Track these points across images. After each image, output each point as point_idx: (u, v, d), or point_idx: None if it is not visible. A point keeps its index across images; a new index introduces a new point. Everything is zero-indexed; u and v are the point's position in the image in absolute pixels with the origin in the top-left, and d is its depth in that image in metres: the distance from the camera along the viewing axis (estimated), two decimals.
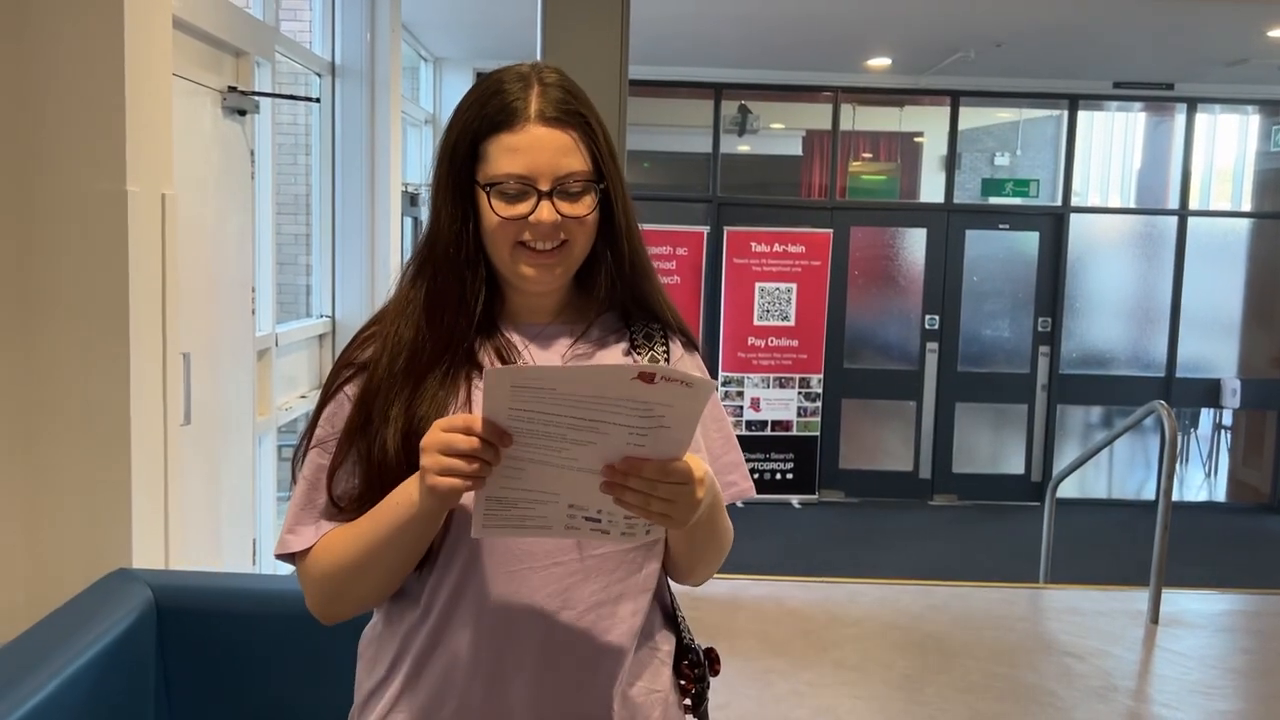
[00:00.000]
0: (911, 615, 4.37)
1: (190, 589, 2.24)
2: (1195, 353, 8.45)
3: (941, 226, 8.34)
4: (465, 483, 1.09)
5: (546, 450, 1.08)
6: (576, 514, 1.12)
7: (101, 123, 2.31)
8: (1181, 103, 8.26)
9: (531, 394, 1.05)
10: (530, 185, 1.20)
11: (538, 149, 1.20)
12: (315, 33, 5.16)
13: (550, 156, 1.20)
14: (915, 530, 7.62)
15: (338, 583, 1.25)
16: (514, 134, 1.20)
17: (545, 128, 1.20)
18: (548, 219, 1.20)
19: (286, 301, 5.21)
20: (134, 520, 2.36)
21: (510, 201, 1.21)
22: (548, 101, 1.22)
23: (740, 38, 6.80)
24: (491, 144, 1.21)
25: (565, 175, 1.21)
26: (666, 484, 1.09)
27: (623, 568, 1.25)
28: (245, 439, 3.93)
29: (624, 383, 1.03)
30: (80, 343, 2.31)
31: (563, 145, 1.21)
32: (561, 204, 1.21)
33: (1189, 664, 4.01)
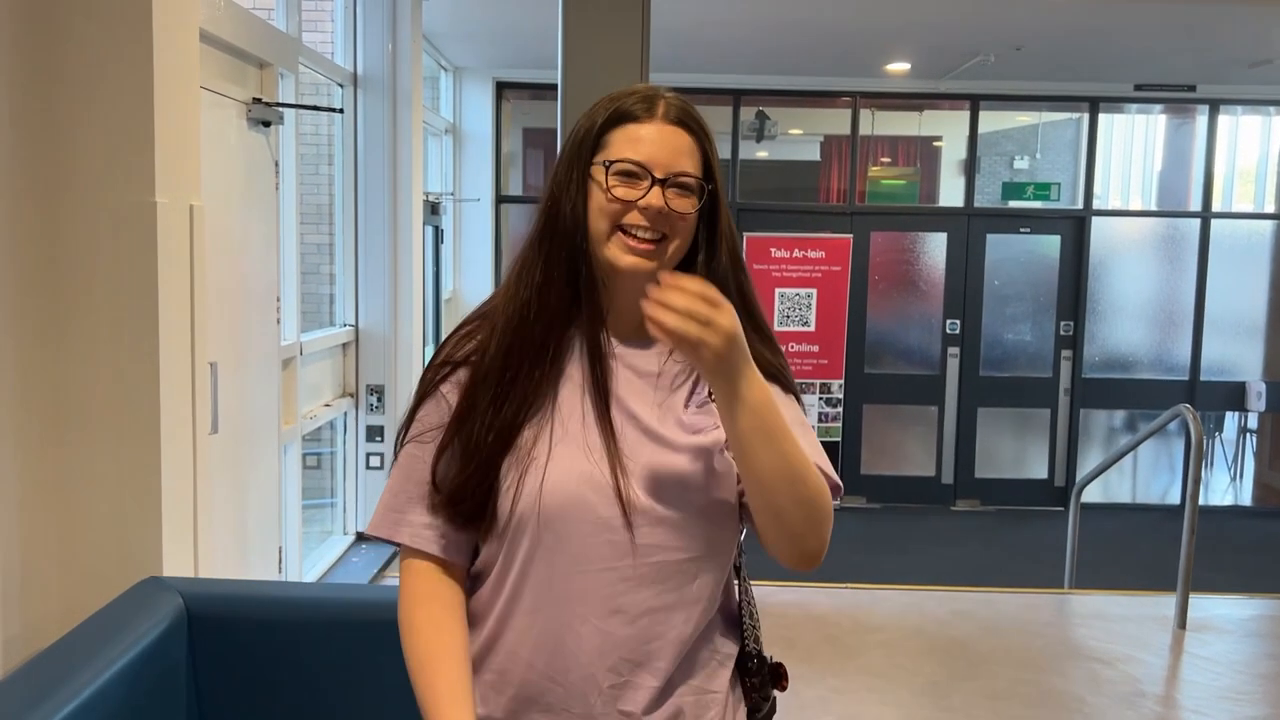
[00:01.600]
0: (937, 621, 4.35)
1: (221, 597, 2.26)
2: (1219, 356, 8.39)
3: (962, 230, 8.31)
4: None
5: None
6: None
7: (131, 135, 2.33)
8: (1203, 104, 8.22)
9: None
10: (647, 171, 1.27)
11: (660, 142, 1.28)
12: (337, 43, 5.20)
13: (670, 153, 1.28)
14: (937, 536, 7.59)
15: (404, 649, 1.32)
16: (641, 125, 1.29)
17: (670, 126, 1.29)
18: (656, 204, 1.26)
19: (310, 311, 5.24)
20: (164, 528, 2.38)
21: (625, 182, 1.27)
22: (672, 108, 1.32)
23: (759, 44, 6.81)
24: (618, 132, 1.30)
25: (679, 171, 1.28)
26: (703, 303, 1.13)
27: (676, 577, 1.27)
28: (271, 448, 3.95)
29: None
30: (111, 352, 2.33)
31: (682, 146, 1.29)
32: (671, 197, 1.27)
33: (1217, 669, 3.98)
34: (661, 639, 1.26)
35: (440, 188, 7.46)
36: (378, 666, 2.18)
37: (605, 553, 1.24)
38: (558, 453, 1.26)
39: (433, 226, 6.39)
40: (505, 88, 8.11)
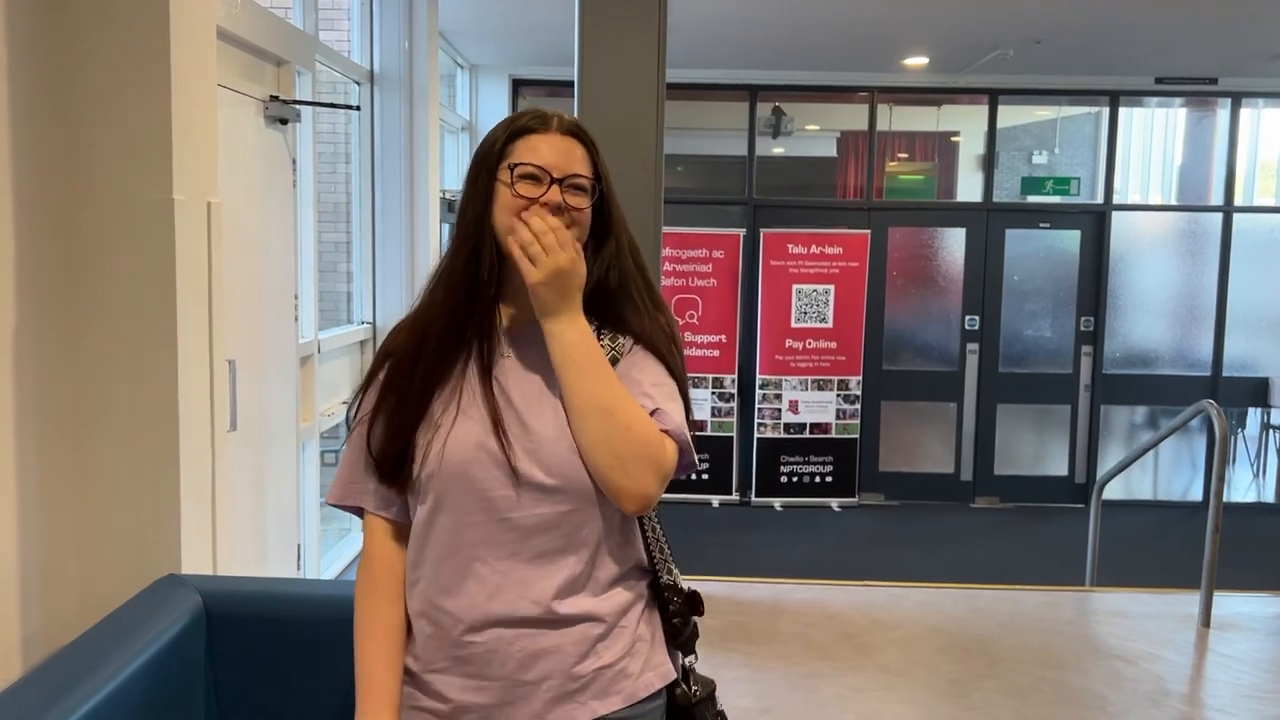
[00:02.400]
0: (956, 619, 4.33)
1: (239, 594, 2.26)
2: (1242, 351, 8.32)
3: (981, 226, 8.26)
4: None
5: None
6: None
7: (148, 132, 2.33)
8: (1225, 97, 8.14)
9: None
10: (546, 173, 1.49)
11: (555, 150, 1.50)
12: (354, 41, 5.20)
13: (564, 158, 1.50)
14: (957, 533, 7.55)
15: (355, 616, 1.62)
16: (538, 136, 1.51)
17: (564, 137, 1.52)
18: (555, 199, 1.48)
19: (328, 309, 5.24)
20: (183, 526, 2.38)
21: (527, 183, 1.48)
22: (565, 122, 1.54)
23: (776, 39, 6.78)
24: (519, 143, 1.51)
25: (574, 173, 1.50)
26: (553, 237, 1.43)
27: (563, 525, 1.47)
28: (289, 445, 3.95)
29: None
30: (129, 350, 2.33)
31: (574, 153, 1.52)
32: (567, 194, 1.49)
33: (1242, 668, 3.94)
34: (556, 576, 1.46)
35: (457, 185, 7.45)
36: None
37: (499, 505, 1.45)
38: (460, 421, 1.48)
39: (449, 224, 6.39)
40: (522, 85, 8.10)
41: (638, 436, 1.41)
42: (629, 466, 1.40)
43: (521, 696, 1.46)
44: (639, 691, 1.51)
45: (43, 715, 1.68)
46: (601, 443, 1.41)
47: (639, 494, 1.41)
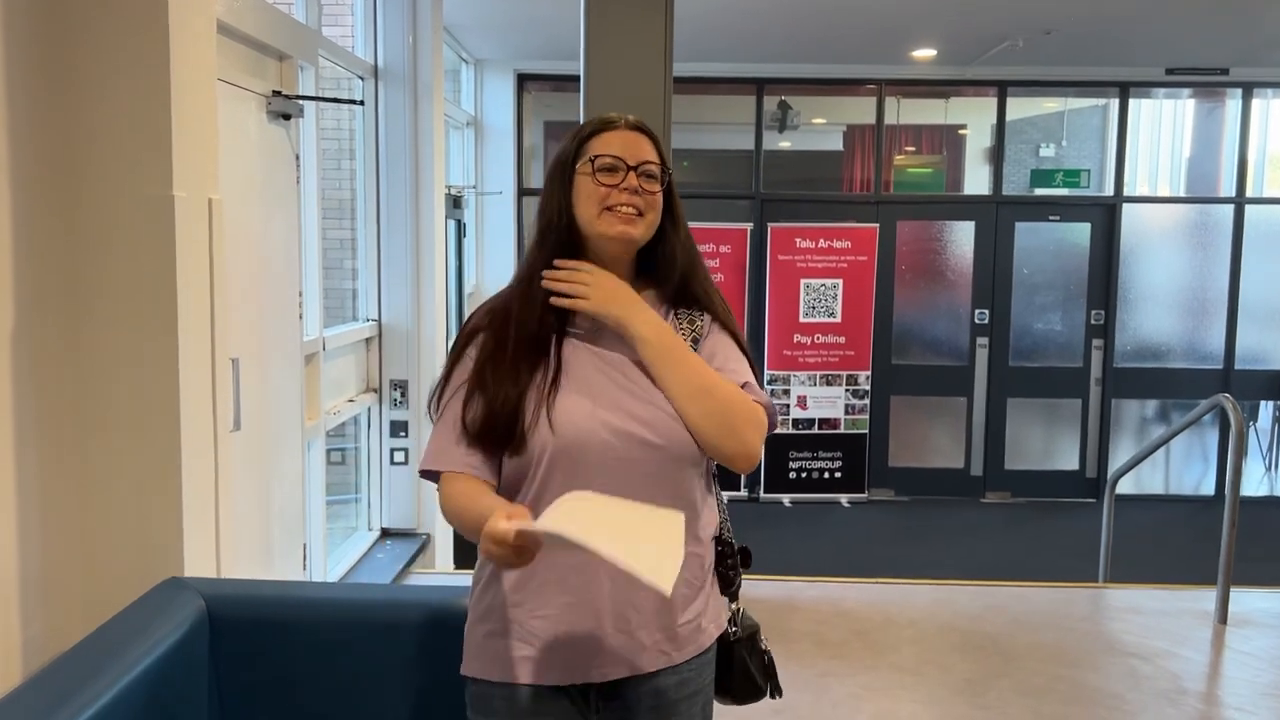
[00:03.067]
0: (969, 616, 4.28)
1: (243, 598, 2.22)
2: (1254, 343, 8.25)
3: (990, 219, 8.20)
4: (523, 563, 1.47)
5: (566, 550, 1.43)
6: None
7: (147, 128, 2.30)
8: (1236, 87, 8.07)
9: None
10: (621, 162, 1.68)
11: (628, 141, 1.70)
12: (357, 36, 5.16)
13: (636, 148, 1.70)
14: (968, 528, 7.50)
15: (456, 524, 1.66)
16: (611, 132, 1.71)
17: (631, 131, 1.72)
18: (633, 183, 1.67)
19: (333, 306, 5.21)
20: (185, 528, 2.35)
21: (606, 173, 1.67)
22: (630, 120, 1.75)
23: (783, 31, 6.72)
24: (594, 140, 1.71)
25: (645, 161, 1.69)
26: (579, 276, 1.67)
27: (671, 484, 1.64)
28: (294, 444, 3.92)
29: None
30: (129, 349, 2.30)
31: (644, 144, 1.71)
32: (641, 180, 1.68)
33: (1260, 665, 3.89)
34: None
35: (462, 181, 7.42)
36: (402, 668, 2.13)
37: (613, 469, 1.60)
38: (565, 393, 1.63)
39: (455, 220, 6.35)
40: (527, 80, 8.05)
41: (739, 408, 1.63)
42: (739, 433, 1.62)
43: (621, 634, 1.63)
44: (705, 642, 1.72)
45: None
46: (708, 417, 1.61)
47: (751, 453, 1.63)
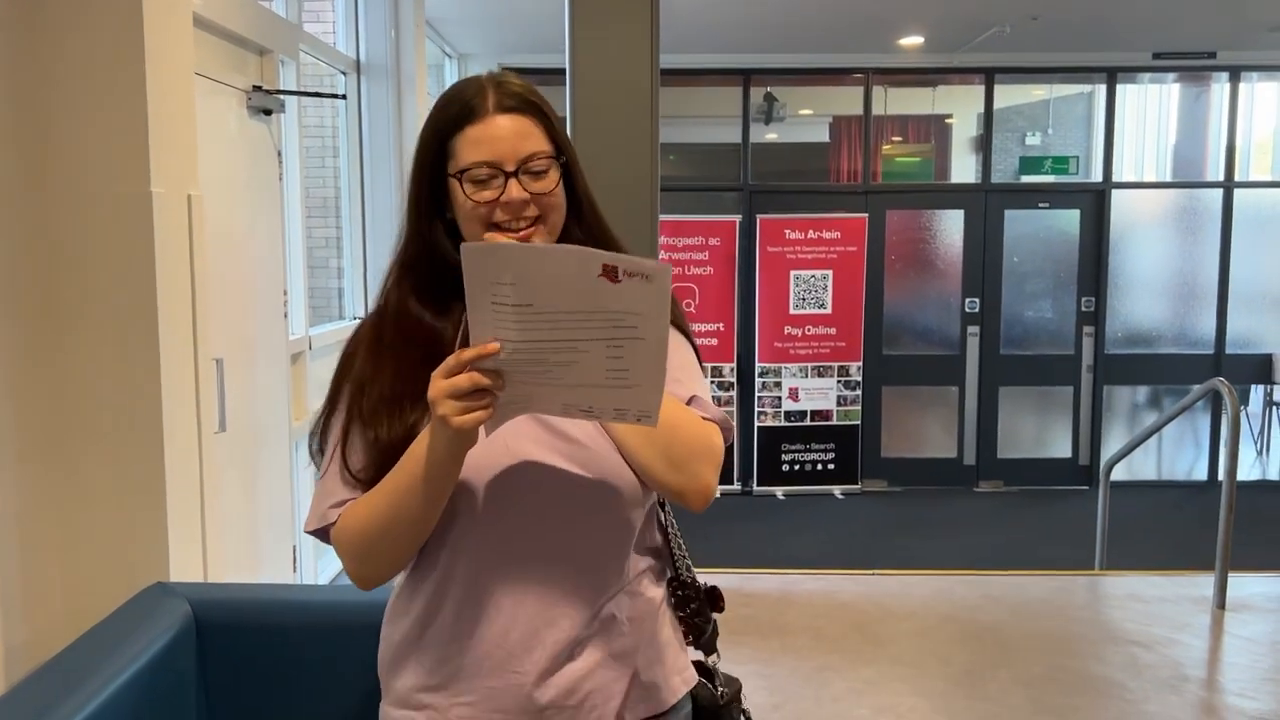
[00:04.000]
0: (967, 607, 4.25)
1: (230, 602, 2.17)
2: (1245, 328, 8.25)
3: (979, 207, 8.17)
4: (485, 412, 1.19)
5: (533, 374, 1.17)
6: (571, 408, 1.21)
7: (123, 123, 2.24)
8: (1223, 71, 8.05)
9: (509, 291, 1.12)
10: (497, 169, 1.31)
11: (500, 136, 1.32)
12: (339, 31, 5.10)
13: (512, 142, 1.32)
14: (961, 518, 7.48)
15: (370, 541, 1.32)
16: (476, 126, 1.32)
17: (505, 116, 1.32)
18: (517, 196, 1.31)
19: (319, 305, 5.15)
20: (170, 532, 2.29)
21: (481, 186, 1.31)
22: (504, 94, 1.34)
23: (770, 20, 6.67)
24: (458, 140, 1.33)
25: (528, 156, 1.32)
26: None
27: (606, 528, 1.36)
28: (281, 444, 3.86)
29: (590, 278, 1.10)
30: (109, 350, 2.24)
31: (522, 130, 1.33)
32: (529, 182, 1.32)
33: (1260, 650, 3.87)
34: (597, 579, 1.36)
35: None
36: None
37: (529, 506, 1.33)
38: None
39: None
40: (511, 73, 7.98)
41: (686, 433, 1.32)
42: (686, 466, 1.31)
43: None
44: (667, 699, 1.40)
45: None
46: (647, 446, 1.31)
47: (702, 490, 1.32)
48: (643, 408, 1.18)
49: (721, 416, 1.39)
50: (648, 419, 1.19)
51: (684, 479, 1.31)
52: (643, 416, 1.19)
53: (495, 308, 1.12)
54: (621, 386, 1.16)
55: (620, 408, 1.19)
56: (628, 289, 1.09)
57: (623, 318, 1.11)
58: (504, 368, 1.16)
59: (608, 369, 1.15)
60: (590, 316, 1.11)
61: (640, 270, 1.09)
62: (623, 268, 1.09)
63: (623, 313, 1.11)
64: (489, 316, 1.13)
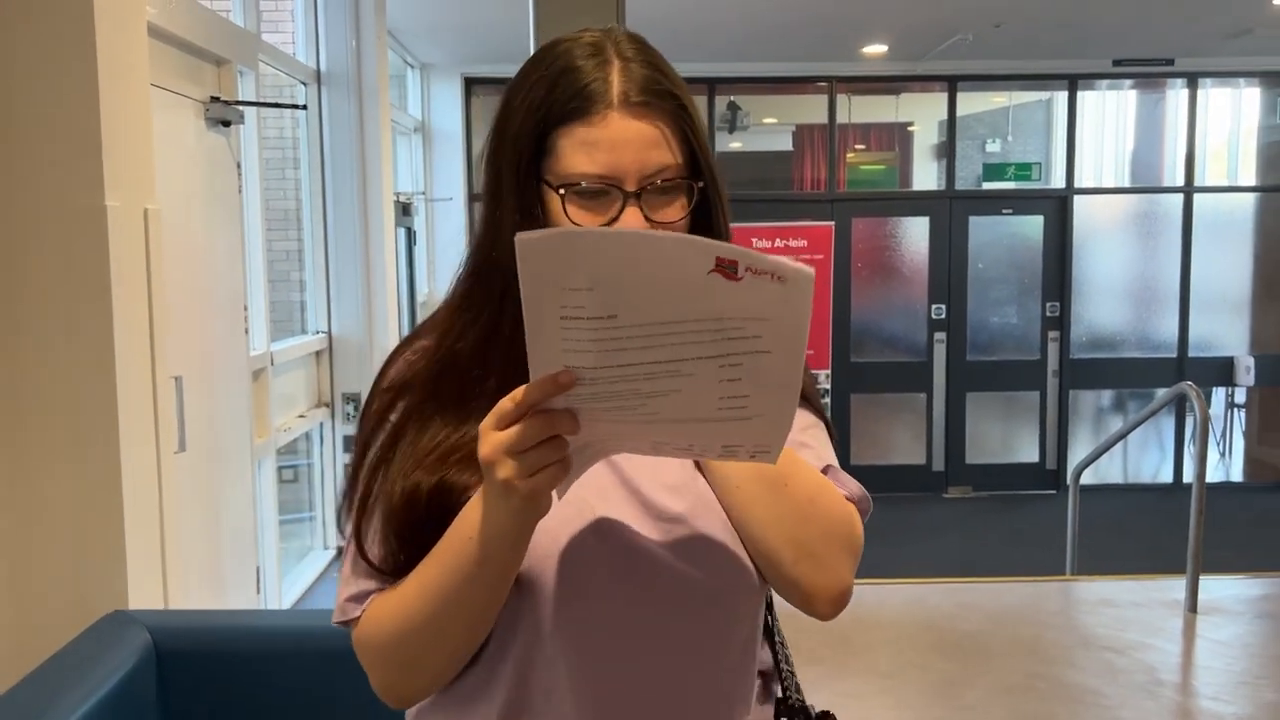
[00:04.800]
0: (943, 615, 4.22)
1: (191, 630, 2.10)
2: (1206, 331, 8.33)
3: (944, 214, 8.20)
4: (561, 469, 0.88)
5: (617, 410, 0.87)
6: (664, 446, 0.93)
7: (76, 135, 2.17)
8: (1181, 78, 8.13)
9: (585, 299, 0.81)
10: (614, 186, 0.97)
11: (622, 144, 0.97)
12: (299, 41, 5.02)
13: (636, 152, 0.97)
14: (931, 524, 7.48)
15: (406, 648, 1.00)
16: (591, 125, 0.97)
17: (630, 117, 0.98)
18: (637, 220, 0.98)
19: (280, 319, 5.06)
20: (129, 557, 2.22)
21: (589, 206, 0.98)
22: (632, 82, 0.99)
23: (734, 30, 6.67)
24: (564, 136, 0.98)
25: (655, 173, 0.98)
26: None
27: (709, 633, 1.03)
28: (244, 463, 3.78)
29: (699, 275, 0.80)
30: (63, 369, 2.17)
31: (651, 138, 0.98)
32: (651, 207, 0.99)
33: (1233, 654, 3.87)
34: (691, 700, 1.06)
35: (411, 187, 7.28)
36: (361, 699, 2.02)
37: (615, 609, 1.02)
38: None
39: (405, 228, 6.22)
40: (475, 84, 7.93)
41: (824, 512, 1.00)
42: (822, 557, 0.99)
43: None
44: None
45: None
46: (774, 525, 0.99)
47: (838, 590, 1.01)
48: (761, 442, 0.90)
49: (861, 494, 1.09)
50: (765, 455, 0.91)
51: (817, 573, 0.99)
52: (759, 453, 0.91)
53: (566, 324, 0.82)
54: (737, 419, 0.87)
55: (731, 444, 0.91)
56: (751, 289, 0.81)
57: (742, 326, 0.82)
58: (578, 404, 0.86)
59: (720, 396, 0.85)
60: (697, 327, 0.82)
61: (770, 269, 0.81)
62: (745, 263, 0.80)
63: (742, 320, 0.82)
64: (556, 335, 0.83)
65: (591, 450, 0.92)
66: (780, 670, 1.16)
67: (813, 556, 0.99)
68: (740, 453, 0.91)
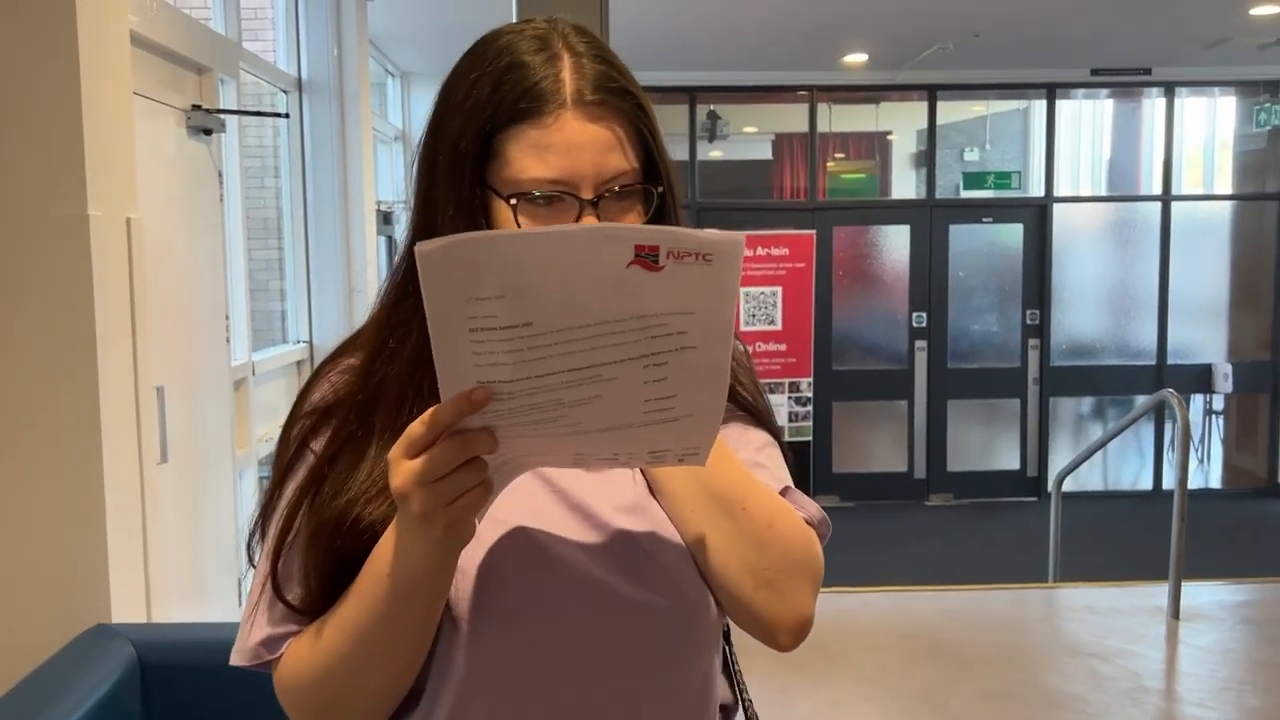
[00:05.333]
0: (925, 623, 4.23)
1: (175, 643, 2.08)
2: (1185, 338, 8.39)
3: (924, 222, 8.24)
4: (481, 495, 0.80)
5: (541, 425, 0.80)
6: (586, 457, 0.86)
7: (58, 144, 2.15)
8: (1158, 87, 8.20)
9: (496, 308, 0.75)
10: (569, 193, 0.90)
11: (577, 147, 0.90)
12: (280, 49, 5.00)
13: (593, 156, 0.90)
14: (913, 532, 7.50)
15: (327, 693, 0.92)
16: (544, 128, 0.89)
17: (585, 118, 0.90)
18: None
19: (261, 328, 5.03)
20: (111, 569, 2.19)
21: (542, 215, 0.91)
22: (585, 80, 0.91)
23: (716, 38, 6.68)
24: (512, 139, 0.90)
25: (612, 178, 0.91)
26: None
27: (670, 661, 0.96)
28: (225, 474, 3.75)
29: (617, 269, 0.74)
30: (45, 379, 2.14)
31: (607, 140, 0.91)
32: (608, 215, 0.92)
33: (1216, 660, 3.89)
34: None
35: (392, 196, 7.26)
36: None
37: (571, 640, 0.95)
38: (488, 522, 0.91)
39: (386, 236, 6.19)
40: None
41: (783, 537, 0.93)
42: (782, 583, 0.93)
43: None
44: None
45: None
46: (732, 550, 0.93)
47: (798, 620, 0.94)
48: (689, 444, 0.84)
49: (821, 517, 1.02)
50: (694, 457, 0.86)
51: (777, 603, 0.93)
52: (688, 455, 0.86)
53: (476, 336, 0.76)
54: (664, 421, 0.81)
55: (658, 449, 0.85)
56: (675, 277, 0.75)
57: (665, 322, 0.77)
58: (495, 421, 0.79)
59: (645, 399, 0.79)
60: (618, 328, 0.76)
61: (696, 248, 0.75)
62: (666, 247, 0.74)
63: (665, 315, 0.76)
64: (466, 350, 0.76)
65: (510, 466, 0.85)
66: (742, 702, 1.10)
67: (772, 585, 0.93)
68: (668, 457, 0.86)
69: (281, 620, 0.94)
